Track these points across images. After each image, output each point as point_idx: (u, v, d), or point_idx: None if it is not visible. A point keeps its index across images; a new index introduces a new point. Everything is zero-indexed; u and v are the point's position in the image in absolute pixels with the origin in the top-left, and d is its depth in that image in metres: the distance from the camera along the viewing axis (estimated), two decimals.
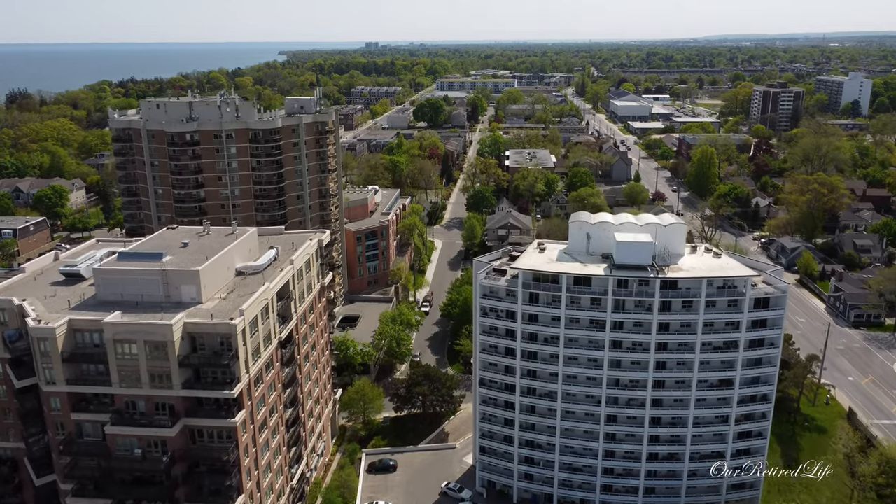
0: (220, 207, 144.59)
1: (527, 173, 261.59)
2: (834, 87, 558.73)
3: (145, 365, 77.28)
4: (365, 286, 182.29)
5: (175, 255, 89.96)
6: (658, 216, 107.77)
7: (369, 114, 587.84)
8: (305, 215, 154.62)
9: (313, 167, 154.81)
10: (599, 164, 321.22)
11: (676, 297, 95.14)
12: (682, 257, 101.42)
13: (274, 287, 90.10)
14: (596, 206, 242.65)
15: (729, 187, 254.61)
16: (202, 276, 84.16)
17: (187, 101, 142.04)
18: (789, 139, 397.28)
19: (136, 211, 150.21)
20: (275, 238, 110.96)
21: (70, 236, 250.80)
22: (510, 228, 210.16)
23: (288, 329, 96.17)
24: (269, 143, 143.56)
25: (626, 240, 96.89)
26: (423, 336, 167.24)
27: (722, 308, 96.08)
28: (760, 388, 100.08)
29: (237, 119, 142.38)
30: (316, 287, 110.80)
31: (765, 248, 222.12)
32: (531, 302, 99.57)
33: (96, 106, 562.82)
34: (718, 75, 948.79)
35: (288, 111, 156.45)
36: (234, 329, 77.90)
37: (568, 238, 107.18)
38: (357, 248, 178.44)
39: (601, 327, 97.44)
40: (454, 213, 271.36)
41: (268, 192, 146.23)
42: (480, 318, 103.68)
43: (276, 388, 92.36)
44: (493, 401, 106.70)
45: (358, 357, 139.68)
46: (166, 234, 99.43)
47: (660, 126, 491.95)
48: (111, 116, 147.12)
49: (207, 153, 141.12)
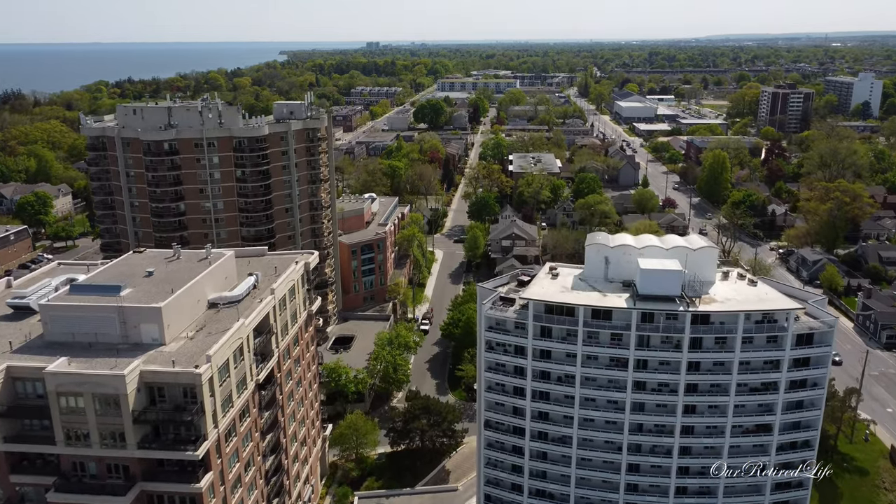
0: (201, 222, 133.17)
1: (531, 179, 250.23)
2: (844, 88, 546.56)
3: (95, 421, 65.99)
4: (360, 303, 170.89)
5: (136, 287, 78.62)
6: (685, 238, 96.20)
7: (369, 115, 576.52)
8: (295, 229, 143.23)
9: (304, 177, 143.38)
10: (606, 169, 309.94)
11: (709, 333, 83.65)
12: (713, 285, 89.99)
13: (250, 323, 78.74)
14: (604, 213, 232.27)
15: (743, 194, 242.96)
16: (165, 314, 72.79)
17: (166, 107, 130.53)
18: (800, 142, 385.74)
19: (112, 225, 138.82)
20: (256, 261, 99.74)
21: (53, 245, 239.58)
22: (514, 239, 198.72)
23: (268, 368, 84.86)
24: (254, 152, 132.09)
25: (651, 267, 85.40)
26: (423, 357, 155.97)
27: (760, 345, 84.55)
28: (802, 434, 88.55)
29: (220, 126, 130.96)
30: (302, 316, 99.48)
31: (783, 259, 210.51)
32: (543, 336, 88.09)
33: (91, 107, 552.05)
34: (723, 75, 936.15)
35: (276, 117, 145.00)
36: (198, 379, 66.51)
37: (577, 252, 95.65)
38: (352, 263, 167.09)
39: (623, 366, 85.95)
40: (456, 221, 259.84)
41: (254, 205, 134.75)
42: (486, 354, 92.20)
43: (254, 438, 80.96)
44: (499, 444, 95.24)
45: (351, 385, 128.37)
46: (131, 260, 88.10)
47: (666, 128, 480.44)
48: (83, 123, 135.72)
49: (187, 163, 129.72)
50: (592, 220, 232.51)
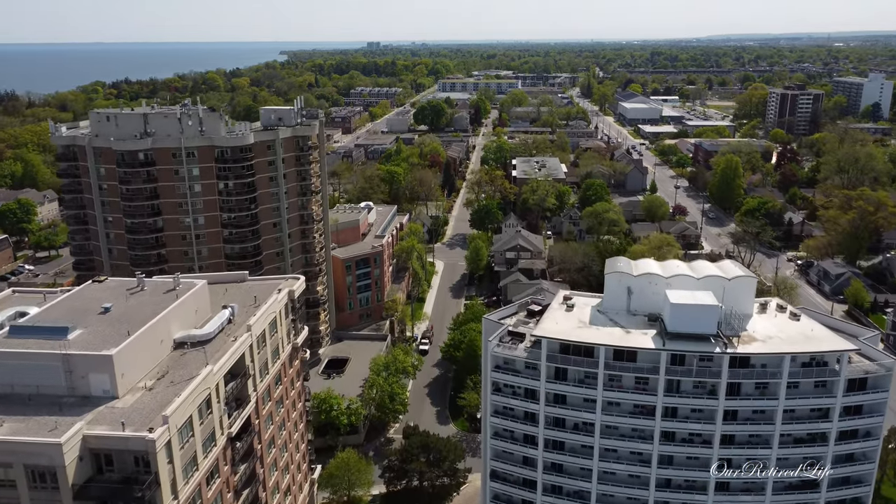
0: (180, 238, 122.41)
1: (536, 185, 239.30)
2: (853, 89, 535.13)
3: (27, 497, 55.33)
4: (356, 321, 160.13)
5: (89, 328, 67.84)
6: (718, 265, 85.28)
7: (368, 116, 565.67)
8: (284, 245, 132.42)
9: (293, 189, 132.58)
10: (613, 174, 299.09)
11: (749, 378, 72.90)
12: (750, 319, 79.25)
13: (220, 369, 67.97)
14: (613, 222, 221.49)
15: (758, 201, 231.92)
16: (118, 362, 62.04)
17: (141, 113, 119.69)
18: (811, 144, 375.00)
19: (85, 241, 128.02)
20: (235, 288, 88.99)
21: (36, 255, 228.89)
22: (519, 251, 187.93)
23: (243, 416, 74.08)
24: (238, 162, 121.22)
25: (682, 302, 74.57)
26: (422, 381, 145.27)
27: (807, 391, 73.81)
28: (853, 490, 77.97)
29: (201, 134, 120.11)
30: (286, 350, 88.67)
31: (803, 272, 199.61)
32: (558, 379, 77.42)
33: (85, 108, 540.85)
34: (726, 76, 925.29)
35: (264, 124, 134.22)
36: (152, 446, 55.77)
37: (586, 265, 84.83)
38: (346, 278, 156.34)
39: (649, 414, 75.26)
40: (457, 229, 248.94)
41: (238, 219, 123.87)
42: (492, 396, 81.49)
43: (225, 500, 70.22)
44: (507, 497, 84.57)
45: (343, 418, 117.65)
46: (87, 293, 77.26)
47: (672, 130, 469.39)
48: (52, 131, 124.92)
49: (165, 175, 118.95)
50: (600, 228, 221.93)
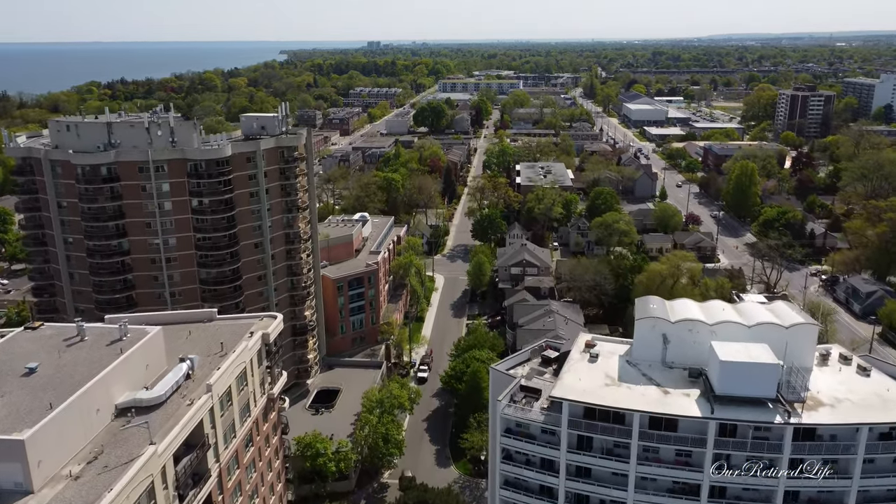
0: (149, 262, 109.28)
1: (542, 194, 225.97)
2: (864, 90, 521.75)
3: None
4: (348, 346, 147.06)
5: (4, 398, 54.93)
6: (771, 307, 72.02)
7: (367, 117, 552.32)
8: (267, 268, 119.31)
9: (277, 206, 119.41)
10: (621, 180, 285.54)
11: (816, 453, 59.90)
12: (810, 373, 66.26)
13: (169, 446, 55.08)
14: (625, 233, 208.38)
15: (777, 211, 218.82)
16: (32, 448, 49.18)
17: (105, 122, 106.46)
18: (824, 148, 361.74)
19: (44, 265, 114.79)
20: (201, 329, 76.01)
21: (11, 268, 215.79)
22: (525, 266, 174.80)
23: (202, 496, 61.25)
24: (214, 177, 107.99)
25: (734, 359, 61.51)
26: (421, 413, 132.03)
27: (886, 468, 60.86)
28: None
29: (172, 146, 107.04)
30: (259, 404, 75.71)
31: (828, 288, 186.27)
32: (581, 448, 64.48)
33: (77, 109, 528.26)
34: (731, 76, 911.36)
35: (245, 133, 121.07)
36: None
37: (598, 283, 71.88)
38: (338, 300, 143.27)
39: (693, 494, 62.31)
40: (458, 240, 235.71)
41: (214, 241, 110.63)
42: (502, 465, 68.47)
43: None
44: None
45: (331, 464, 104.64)
46: (14, 346, 64.25)
47: (678, 132, 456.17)
48: (6, 143, 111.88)
49: (130, 192, 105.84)
50: (610, 240, 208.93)
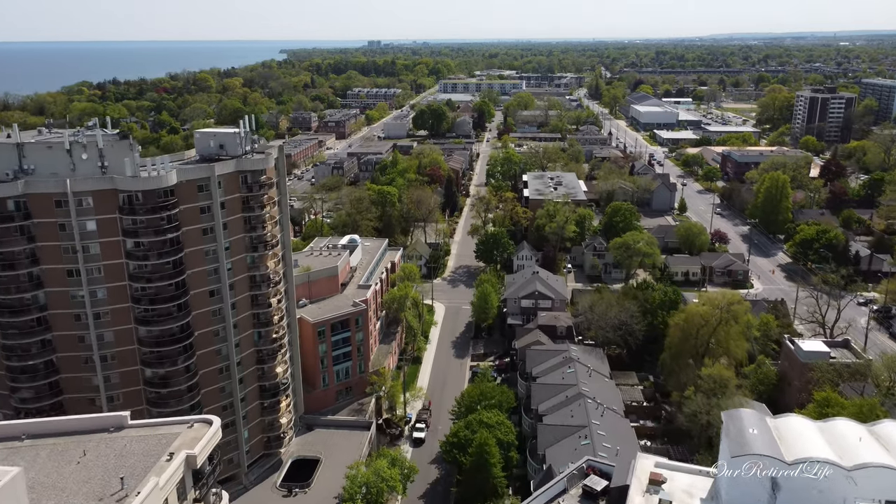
0: (73, 319, 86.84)
1: (553, 210, 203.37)
2: (883, 92, 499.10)
3: None
4: (332, 400, 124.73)
5: None
6: None
7: (364, 120, 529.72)
8: (226, 320, 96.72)
9: (238, 244, 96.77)
10: (636, 191, 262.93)
11: None
12: None
13: None
14: (647, 255, 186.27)
15: (816, 230, 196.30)
16: None
17: (14, 143, 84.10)
18: (848, 154, 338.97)
19: None
20: (102, 446, 53.77)
21: None
22: (538, 299, 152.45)
23: None
24: (155, 212, 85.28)
25: None
26: (416, 489, 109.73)
27: None
28: None
29: (101, 173, 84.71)
30: None
31: (881, 321, 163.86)
32: None
33: (64, 111, 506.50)
34: (738, 76, 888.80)
35: (200, 153, 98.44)
36: None
37: (623, 322, 49.90)
38: (319, 347, 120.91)
39: None
40: (460, 260, 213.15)
41: (156, 291, 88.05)
42: None
43: None
44: None
45: None
46: None
47: (691, 136, 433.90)
48: None
49: (46, 231, 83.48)
50: (631, 262, 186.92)
